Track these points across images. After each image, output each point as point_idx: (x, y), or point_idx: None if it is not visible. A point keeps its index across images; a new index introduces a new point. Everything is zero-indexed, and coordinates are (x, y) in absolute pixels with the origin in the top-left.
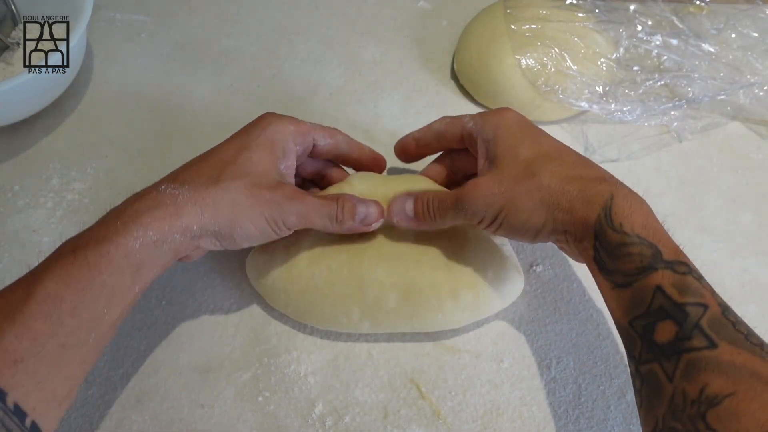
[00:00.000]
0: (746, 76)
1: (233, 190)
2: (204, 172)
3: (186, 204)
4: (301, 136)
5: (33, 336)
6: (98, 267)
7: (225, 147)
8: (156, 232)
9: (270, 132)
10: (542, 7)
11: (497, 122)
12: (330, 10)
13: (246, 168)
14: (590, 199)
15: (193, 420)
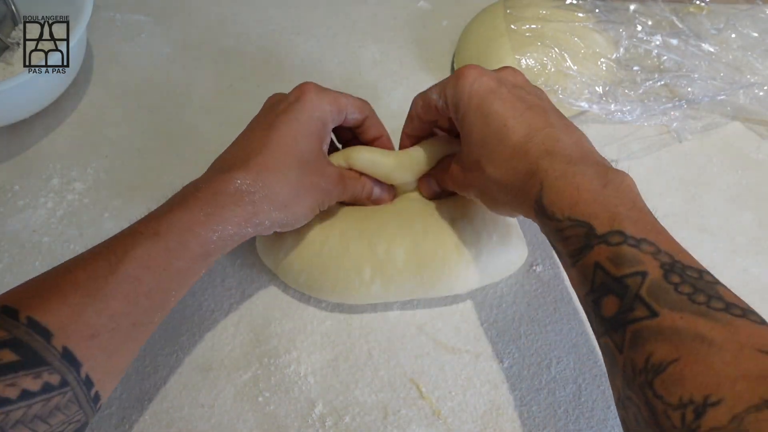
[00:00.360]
0: (746, 76)
1: (298, 183)
2: (271, 165)
3: (262, 203)
4: (338, 113)
5: (110, 313)
6: (177, 254)
7: (280, 131)
8: (234, 227)
9: (314, 114)
10: (542, 7)
11: (458, 96)
12: (330, 10)
13: (303, 157)
14: (526, 191)
15: (193, 420)
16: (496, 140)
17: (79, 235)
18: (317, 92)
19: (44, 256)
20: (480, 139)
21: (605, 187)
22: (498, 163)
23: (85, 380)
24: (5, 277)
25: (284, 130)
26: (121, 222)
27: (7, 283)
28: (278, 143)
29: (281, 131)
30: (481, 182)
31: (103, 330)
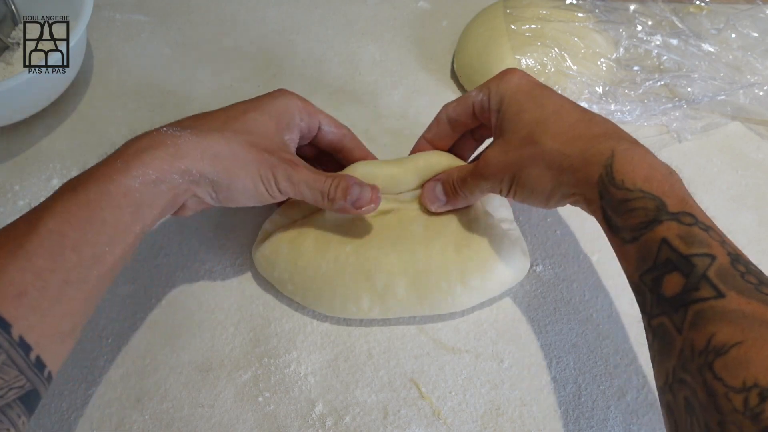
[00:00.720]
0: (746, 76)
1: (235, 143)
2: (208, 122)
3: (187, 146)
4: (307, 114)
5: (35, 270)
6: (98, 204)
7: (233, 107)
8: (155, 171)
9: (279, 102)
10: (542, 7)
11: (502, 91)
12: (330, 10)
13: (250, 127)
14: (591, 158)
15: (193, 420)
16: (554, 117)
17: None
18: (288, 91)
19: None
20: (533, 119)
21: (671, 175)
22: (557, 134)
23: (19, 342)
24: None
25: (238, 105)
26: None
27: None
28: (225, 111)
29: (235, 105)
30: (528, 160)
31: (30, 288)
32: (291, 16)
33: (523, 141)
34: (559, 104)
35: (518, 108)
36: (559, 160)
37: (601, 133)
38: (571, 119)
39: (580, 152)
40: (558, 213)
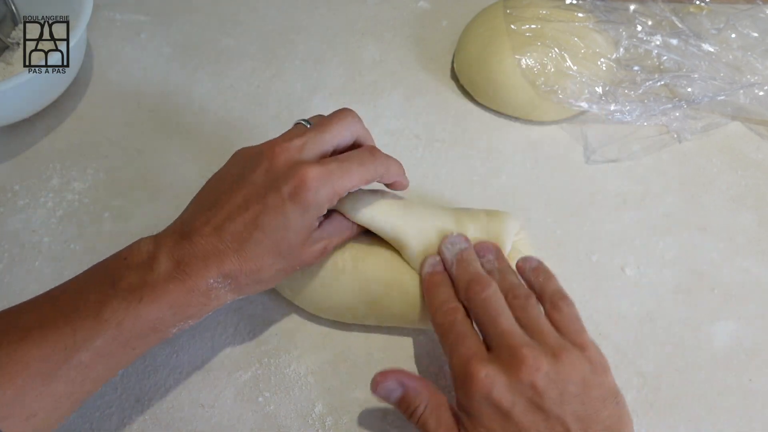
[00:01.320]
0: (746, 76)
1: (276, 270)
2: (251, 259)
3: (228, 294)
4: (337, 196)
5: (54, 397)
6: (133, 344)
7: (264, 226)
8: (197, 319)
9: (318, 197)
10: (542, 7)
11: (465, 403)
12: (330, 10)
13: (289, 249)
14: None
15: (193, 420)
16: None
17: (79, 235)
18: (317, 186)
19: (44, 255)
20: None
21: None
22: None
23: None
24: (5, 277)
25: (273, 226)
26: (120, 222)
27: (6, 282)
28: (264, 240)
29: (271, 226)
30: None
31: (41, 411)
32: (291, 16)
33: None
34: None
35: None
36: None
37: None
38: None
39: None
40: (558, 213)
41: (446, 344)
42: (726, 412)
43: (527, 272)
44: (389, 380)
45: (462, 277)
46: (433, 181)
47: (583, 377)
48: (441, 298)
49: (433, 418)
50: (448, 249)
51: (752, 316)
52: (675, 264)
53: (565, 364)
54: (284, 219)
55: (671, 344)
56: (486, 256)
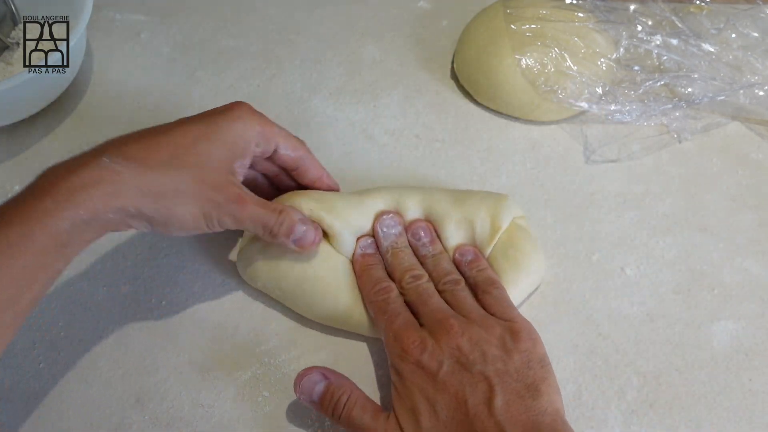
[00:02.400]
0: (746, 76)
1: (180, 180)
2: (155, 153)
3: (128, 184)
4: (265, 139)
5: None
6: (20, 248)
7: (184, 129)
8: (88, 212)
9: (236, 128)
10: (542, 7)
11: (393, 361)
12: (330, 10)
13: (200, 159)
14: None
15: (193, 420)
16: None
17: None
18: (248, 109)
19: None
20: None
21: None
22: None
23: None
24: None
25: (190, 126)
26: None
27: None
28: (175, 136)
29: (186, 126)
30: None
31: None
32: (291, 16)
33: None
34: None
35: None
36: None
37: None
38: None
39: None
40: (558, 213)
41: (382, 320)
42: (726, 412)
43: (463, 265)
44: (313, 372)
45: (397, 267)
46: (433, 181)
47: (504, 343)
48: (375, 278)
49: (358, 406)
50: (383, 232)
51: (752, 316)
52: (675, 264)
53: (487, 330)
54: (207, 123)
55: (671, 344)
56: (421, 239)
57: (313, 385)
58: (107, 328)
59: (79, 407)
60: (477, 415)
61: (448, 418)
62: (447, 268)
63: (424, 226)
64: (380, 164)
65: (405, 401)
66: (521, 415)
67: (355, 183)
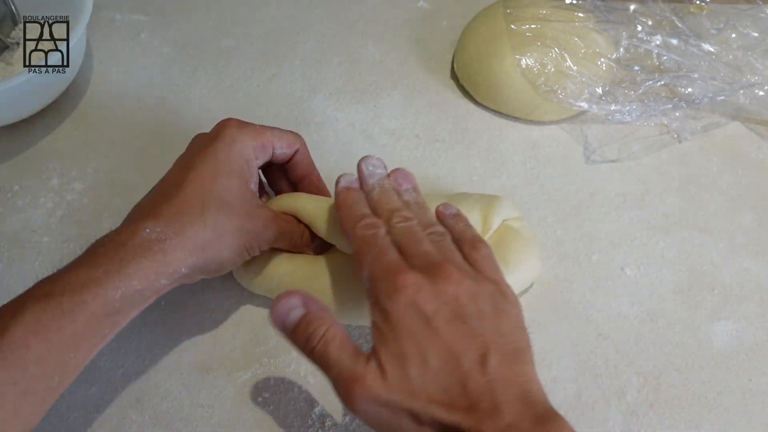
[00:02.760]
0: (746, 76)
1: (219, 225)
2: (186, 208)
3: (175, 250)
4: (262, 149)
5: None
6: (72, 316)
7: (197, 171)
8: (141, 282)
9: (236, 151)
10: (542, 7)
11: (384, 307)
12: (330, 10)
13: (225, 197)
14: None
15: (193, 420)
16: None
17: (79, 235)
18: (238, 127)
19: (44, 256)
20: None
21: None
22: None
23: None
24: (5, 277)
25: (202, 169)
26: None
27: (6, 283)
28: (195, 184)
29: (198, 170)
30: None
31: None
32: (291, 16)
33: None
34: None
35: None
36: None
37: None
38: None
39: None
40: (558, 213)
41: (367, 255)
42: (726, 412)
43: (447, 218)
44: (292, 297)
45: (384, 206)
46: (433, 181)
47: (495, 303)
48: (360, 212)
49: (336, 342)
50: (368, 170)
51: (752, 316)
52: (675, 264)
53: (480, 286)
54: (213, 159)
55: (671, 344)
56: (404, 185)
57: (289, 311)
58: None
59: (79, 407)
60: (470, 371)
61: (439, 369)
62: (432, 218)
63: (405, 173)
64: None
65: (390, 345)
66: (512, 379)
67: None
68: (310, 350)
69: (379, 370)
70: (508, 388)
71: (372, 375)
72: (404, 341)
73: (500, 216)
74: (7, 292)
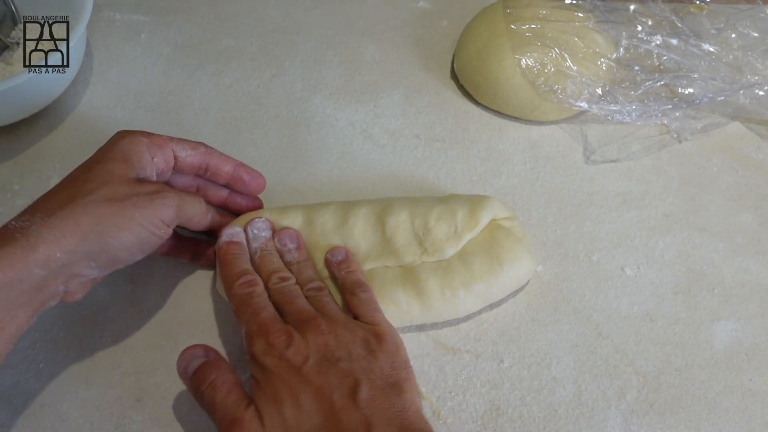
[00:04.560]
0: (746, 76)
1: (93, 203)
2: (56, 196)
3: (40, 232)
4: (156, 147)
5: None
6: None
7: (77, 168)
8: (8, 271)
9: (121, 145)
10: (542, 7)
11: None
12: (330, 10)
13: (101, 178)
14: None
15: (193, 420)
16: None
17: None
18: (129, 131)
19: None
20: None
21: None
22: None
23: None
24: None
25: (82, 165)
26: None
27: None
28: (69, 176)
29: (79, 168)
30: None
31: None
32: (291, 16)
33: None
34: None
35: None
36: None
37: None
38: None
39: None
40: (558, 213)
41: (244, 313)
42: (726, 412)
43: (332, 265)
44: (197, 348)
45: (265, 268)
46: (433, 181)
47: (368, 344)
48: (239, 269)
49: (224, 389)
50: (252, 234)
51: (752, 316)
52: (675, 264)
53: (352, 332)
54: (96, 154)
55: (671, 344)
56: (287, 245)
57: (191, 360)
58: (107, 328)
59: (79, 407)
60: (343, 408)
61: (312, 409)
62: (311, 275)
63: (291, 233)
64: (380, 164)
65: (266, 391)
66: (387, 410)
67: (355, 183)
68: (200, 395)
69: (257, 414)
70: (385, 419)
71: (250, 418)
72: (278, 387)
73: (488, 212)
74: None
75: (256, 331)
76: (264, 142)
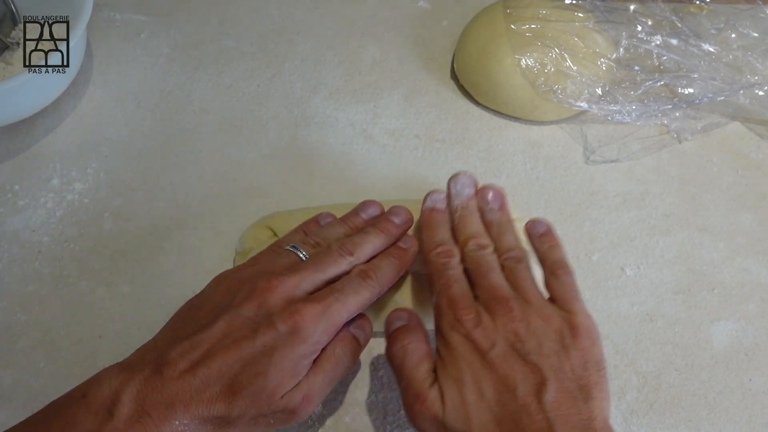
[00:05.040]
0: (746, 76)
1: (251, 422)
2: (235, 411)
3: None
4: (335, 330)
5: None
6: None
7: (252, 368)
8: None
9: (304, 351)
10: (542, 7)
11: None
12: (330, 10)
13: (273, 393)
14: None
15: None
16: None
17: (79, 235)
18: (314, 322)
19: (44, 256)
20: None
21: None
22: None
23: None
24: (5, 277)
25: (263, 365)
26: (120, 222)
27: (6, 283)
28: (251, 387)
29: (260, 365)
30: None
31: None
32: (291, 16)
33: None
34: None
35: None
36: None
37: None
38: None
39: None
40: (558, 213)
41: (437, 284)
42: (726, 412)
43: (534, 238)
44: (403, 311)
45: (463, 230)
46: (433, 181)
47: (562, 337)
48: (438, 238)
49: (414, 356)
50: (455, 189)
51: (752, 316)
52: (675, 264)
53: (546, 321)
54: (278, 362)
55: (671, 344)
56: (490, 204)
57: (394, 320)
58: (107, 328)
59: None
60: (525, 405)
61: (493, 399)
62: (511, 242)
63: (497, 190)
64: (380, 164)
65: (450, 370)
66: (572, 417)
67: (355, 183)
68: (392, 356)
69: (440, 393)
70: (568, 427)
71: (433, 396)
72: (462, 370)
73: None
74: (7, 292)
75: (446, 304)
76: (264, 142)
